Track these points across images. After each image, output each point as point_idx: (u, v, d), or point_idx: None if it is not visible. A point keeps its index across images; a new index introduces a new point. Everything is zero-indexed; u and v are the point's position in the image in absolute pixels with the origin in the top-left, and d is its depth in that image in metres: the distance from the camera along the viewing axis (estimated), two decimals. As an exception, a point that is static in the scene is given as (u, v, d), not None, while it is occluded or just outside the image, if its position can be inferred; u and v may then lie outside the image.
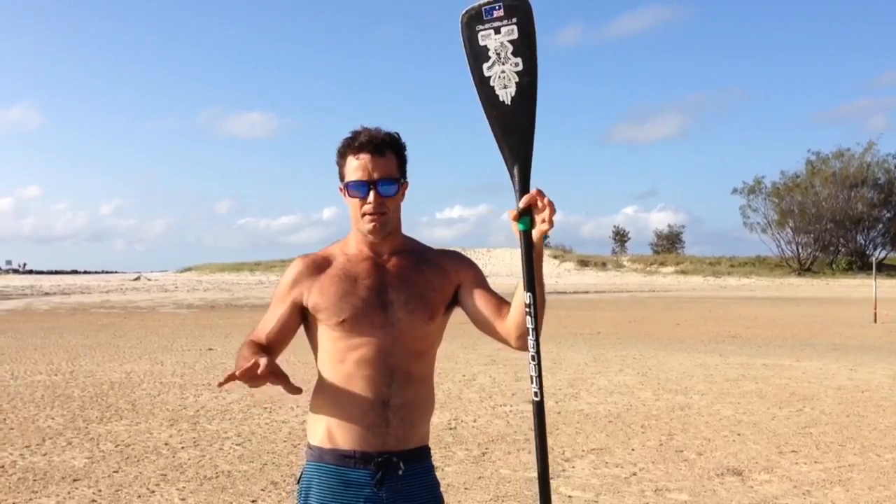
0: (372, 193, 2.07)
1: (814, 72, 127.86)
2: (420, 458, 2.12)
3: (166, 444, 6.43)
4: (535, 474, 5.84)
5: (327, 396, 2.09)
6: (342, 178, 2.13)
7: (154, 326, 19.38)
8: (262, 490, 5.19)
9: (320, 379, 2.12)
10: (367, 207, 2.07)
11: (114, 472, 5.61)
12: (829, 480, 5.39)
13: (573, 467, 5.74)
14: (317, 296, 2.10)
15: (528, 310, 2.02)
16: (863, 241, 72.90)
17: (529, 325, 2.02)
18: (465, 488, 5.24)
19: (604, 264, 75.42)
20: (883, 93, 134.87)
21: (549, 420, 7.87)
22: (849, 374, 10.64)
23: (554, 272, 68.88)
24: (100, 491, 5.14)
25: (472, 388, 9.28)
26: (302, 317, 2.15)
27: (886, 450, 6.28)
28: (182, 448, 6.32)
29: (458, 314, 2.28)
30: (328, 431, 2.08)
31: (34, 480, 5.38)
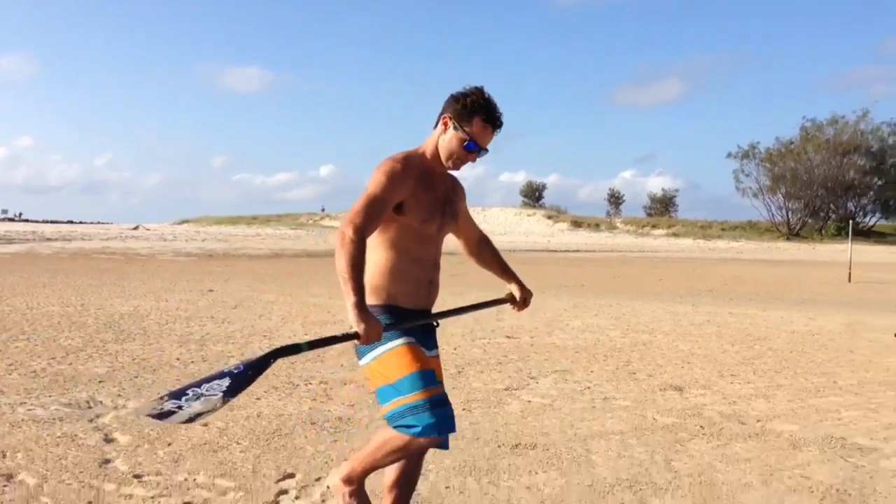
0: (477, 156, 2.93)
1: (819, 38, 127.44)
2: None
3: (178, 359, 7.22)
4: (503, 387, 6.66)
5: (392, 273, 2.92)
6: (461, 121, 2.85)
7: (155, 271, 20.13)
8: (265, 392, 5.99)
9: (386, 259, 2.91)
10: (467, 160, 2.93)
11: (134, 377, 6.40)
12: (755, 395, 6.21)
13: (537, 383, 6.54)
14: (412, 200, 2.87)
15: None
16: (853, 208, 73.78)
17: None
18: (440, 395, 6.03)
19: (597, 225, 76.21)
20: (888, 61, 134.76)
21: (521, 349, 8.64)
22: (807, 322, 11.47)
23: (547, 232, 69.60)
24: (124, 389, 5.93)
25: (455, 325, 10.06)
26: None
27: (815, 376, 7.10)
28: (192, 363, 7.10)
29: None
30: (391, 295, 2.93)
31: (64, 381, 6.17)
